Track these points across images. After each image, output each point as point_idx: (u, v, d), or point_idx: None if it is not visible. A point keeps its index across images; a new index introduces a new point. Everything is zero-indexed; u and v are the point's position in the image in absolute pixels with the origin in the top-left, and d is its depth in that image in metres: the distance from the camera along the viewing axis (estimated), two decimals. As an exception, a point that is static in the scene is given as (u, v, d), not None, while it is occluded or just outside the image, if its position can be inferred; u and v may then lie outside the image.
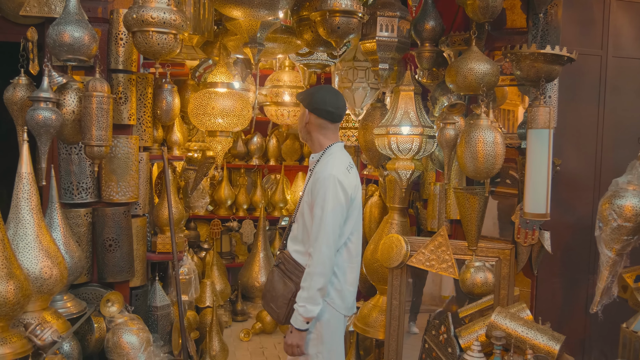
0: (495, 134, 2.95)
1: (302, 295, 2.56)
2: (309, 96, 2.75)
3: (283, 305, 2.70)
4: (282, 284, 2.72)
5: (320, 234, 2.57)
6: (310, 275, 2.56)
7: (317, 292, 2.56)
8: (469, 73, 3.01)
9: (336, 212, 2.62)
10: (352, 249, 2.81)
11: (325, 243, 2.57)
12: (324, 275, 2.58)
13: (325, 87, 2.87)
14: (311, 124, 2.77)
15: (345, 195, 2.66)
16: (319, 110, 2.75)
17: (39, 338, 2.33)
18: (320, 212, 2.58)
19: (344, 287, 2.78)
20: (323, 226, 2.57)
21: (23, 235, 2.47)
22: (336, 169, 2.66)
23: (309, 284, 2.55)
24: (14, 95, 2.79)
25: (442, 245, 3.47)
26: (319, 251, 2.56)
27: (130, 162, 3.07)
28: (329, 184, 2.60)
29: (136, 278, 3.23)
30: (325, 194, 2.59)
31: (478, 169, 2.96)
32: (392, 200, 3.81)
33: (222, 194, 5.80)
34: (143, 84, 3.17)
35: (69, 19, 2.62)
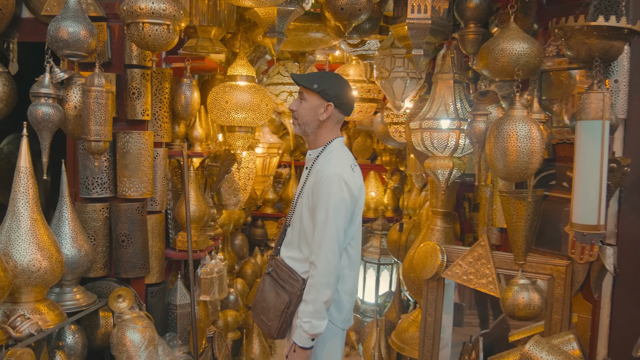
0: (531, 126, 2.47)
1: (307, 309, 2.28)
2: (330, 87, 2.42)
3: (275, 317, 2.45)
4: (274, 293, 2.47)
5: (325, 240, 2.28)
6: (315, 287, 2.28)
7: (323, 306, 2.29)
8: (500, 55, 2.55)
9: (341, 215, 2.32)
10: (352, 254, 2.51)
11: (330, 250, 2.29)
12: (330, 286, 2.30)
13: (337, 76, 2.55)
14: (330, 120, 2.47)
15: (351, 196, 2.36)
16: (344, 106, 2.48)
17: (17, 330, 2.34)
18: (324, 215, 2.29)
19: (341, 297, 2.48)
20: (328, 231, 2.28)
21: (16, 227, 2.51)
22: (340, 168, 2.37)
23: (314, 296, 2.27)
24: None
25: (482, 257, 3.01)
26: (324, 259, 2.28)
27: (142, 158, 3.04)
28: (334, 184, 2.31)
29: (152, 275, 3.20)
30: (329, 195, 2.30)
31: (509, 169, 2.49)
32: (434, 204, 3.40)
33: (290, 193, 5.68)
34: (159, 79, 3.13)
35: (68, 15, 2.62)
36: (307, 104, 2.44)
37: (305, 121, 2.47)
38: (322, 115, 2.43)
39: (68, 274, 2.83)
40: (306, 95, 2.45)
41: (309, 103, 2.44)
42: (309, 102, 2.44)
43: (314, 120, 2.45)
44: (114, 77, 3.02)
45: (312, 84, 2.41)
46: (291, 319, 2.45)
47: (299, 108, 2.48)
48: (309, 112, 2.45)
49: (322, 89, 2.40)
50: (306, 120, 2.46)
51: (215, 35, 3.18)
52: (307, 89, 2.43)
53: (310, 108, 2.44)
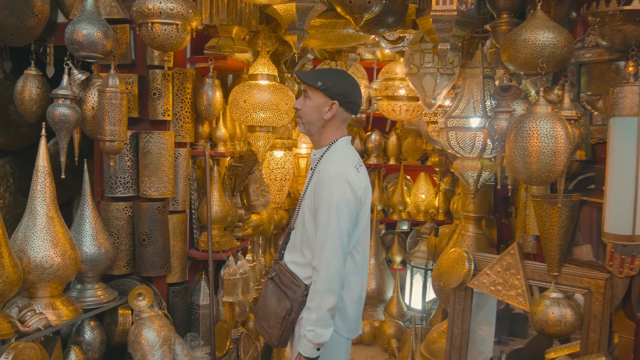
0: (555, 124, 2.24)
1: (310, 317, 2.17)
2: (335, 85, 2.29)
3: (276, 324, 2.35)
4: (275, 299, 2.38)
5: (327, 244, 2.16)
6: (317, 294, 2.17)
7: (327, 313, 2.17)
8: (522, 46, 2.34)
9: (345, 217, 2.19)
10: (358, 259, 2.37)
11: (333, 254, 2.16)
12: (334, 293, 2.17)
13: (344, 73, 2.41)
14: (335, 119, 2.34)
15: (355, 197, 2.23)
16: (351, 104, 2.34)
17: (25, 324, 2.41)
18: (326, 217, 2.18)
19: (346, 304, 2.35)
20: (330, 234, 2.16)
21: (32, 225, 2.59)
22: (343, 167, 2.24)
23: (317, 303, 2.16)
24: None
25: (511, 266, 2.79)
26: (326, 264, 2.16)
27: (162, 158, 3.06)
28: (336, 185, 2.18)
29: (173, 274, 3.21)
30: (331, 196, 2.18)
31: (530, 171, 2.28)
32: (465, 208, 3.18)
33: (338, 194, 5.58)
34: (180, 79, 3.13)
35: (83, 17, 2.68)
36: (312, 103, 2.32)
37: (309, 120, 2.35)
38: (327, 114, 2.30)
39: (88, 271, 2.90)
40: (310, 94, 2.33)
41: (313, 101, 2.32)
42: (313, 100, 2.32)
43: (319, 119, 2.32)
44: (135, 78, 3.06)
45: (316, 81, 2.28)
46: (293, 326, 2.35)
47: (303, 107, 2.36)
48: (313, 111, 2.32)
49: (327, 86, 2.27)
50: (310, 119, 2.34)
51: (236, 34, 3.14)
52: (311, 87, 2.32)
53: (315, 107, 2.32)
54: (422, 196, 5.45)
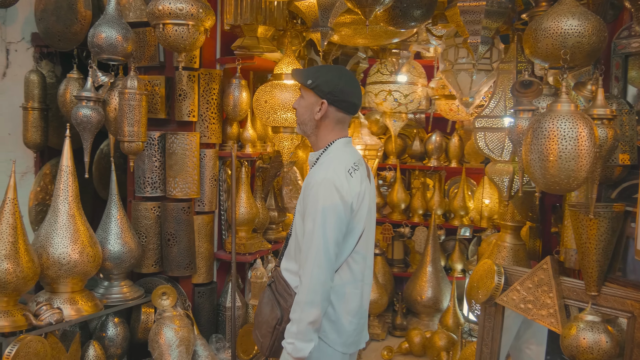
0: (578, 124, 1.96)
1: (291, 329, 2.05)
2: (325, 83, 2.12)
3: (267, 333, 2.23)
4: (269, 307, 2.26)
5: (311, 253, 2.02)
6: (299, 305, 2.04)
7: (308, 327, 2.02)
8: (542, 36, 2.08)
9: (331, 225, 2.03)
10: (356, 269, 2.19)
11: (316, 264, 2.02)
12: (316, 305, 2.02)
13: (340, 70, 2.22)
14: (327, 119, 2.17)
15: (343, 203, 2.05)
16: (343, 103, 2.15)
17: (39, 318, 2.51)
18: (311, 225, 2.04)
19: (341, 317, 2.19)
20: (314, 242, 2.02)
21: (54, 222, 2.69)
22: (332, 171, 2.06)
23: (298, 315, 2.03)
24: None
25: (543, 282, 2.50)
26: (309, 275, 2.02)
27: (187, 159, 3.07)
28: (323, 190, 2.03)
29: (199, 275, 3.22)
30: (316, 203, 2.02)
31: (547, 177, 2.01)
32: (503, 216, 2.91)
33: (395, 197, 5.36)
34: (206, 80, 3.13)
35: (104, 20, 2.75)
36: (304, 102, 2.18)
37: (303, 120, 2.20)
38: (317, 114, 2.13)
39: (114, 269, 2.97)
40: (303, 92, 2.19)
41: (305, 101, 2.17)
42: (306, 99, 2.17)
43: (311, 119, 2.16)
44: (162, 80, 3.10)
45: (306, 79, 2.13)
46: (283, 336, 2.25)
47: (298, 107, 2.23)
48: (306, 111, 2.17)
49: (316, 84, 2.11)
50: (303, 120, 2.19)
51: (262, 34, 3.09)
52: (303, 86, 2.18)
53: (306, 106, 2.17)
54: (486, 201, 5.11)
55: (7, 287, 2.41)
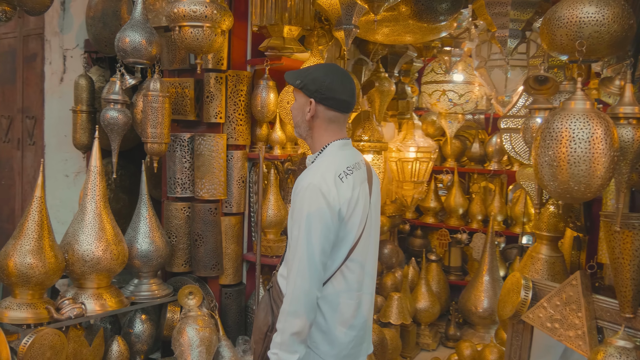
0: (593, 123, 1.75)
1: (276, 339, 1.98)
2: (312, 81, 2.04)
3: (259, 340, 2.17)
4: (263, 313, 2.19)
5: (295, 261, 1.94)
6: (282, 315, 1.96)
7: (291, 338, 1.94)
8: (556, 25, 1.86)
9: (317, 232, 1.92)
10: (351, 278, 2.07)
11: (299, 273, 1.93)
12: (300, 316, 1.93)
13: (330, 67, 2.12)
14: (318, 119, 2.07)
15: (330, 210, 1.93)
16: (331, 101, 2.05)
17: (60, 312, 2.62)
18: (296, 232, 1.95)
19: (333, 328, 2.08)
20: (299, 251, 1.93)
21: (81, 220, 2.81)
22: (320, 176, 1.95)
23: (282, 325, 1.95)
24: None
25: (572, 300, 2.27)
26: (292, 284, 1.94)
27: (213, 160, 3.09)
28: (308, 196, 1.93)
29: (226, 276, 3.23)
30: (302, 209, 1.93)
31: (557, 183, 1.80)
32: (538, 226, 2.67)
33: (452, 202, 5.10)
34: (234, 82, 3.13)
35: (129, 25, 2.82)
36: (296, 104, 2.11)
37: (297, 123, 2.13)
38: (307, 115, 2.05)
39: (142, 267, 3.05)
40: (295, 94, 2.13)
41: (297, 102, 2.10)
42: (297, 101, 2.10)
43: (303, 120, 2.08)
44: (192, 82, 3.14)
45: (295, 79, 2.05)
46: None
47: (292, 109, 2.15)
48: (298, 112, 2.09)
49: (304, 84, 2.02)
50: (297, 122, 2.11)
51: (288, 34, 3.04)
52: (295, 87, 2.09)
53: (298, 107, 2.09)
54: (551, 207, 4.73)
55: (30, 280, 2.53)
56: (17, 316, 2.53)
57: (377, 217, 2.20)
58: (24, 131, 4.29)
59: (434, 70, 4.66)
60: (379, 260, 4.95)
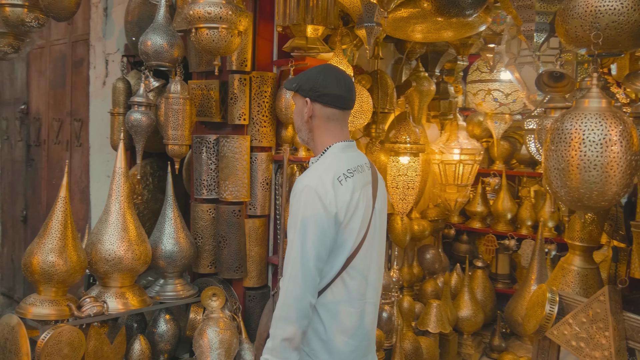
0: (609, 124, 1.60)
1: (267, 344, 1.94)
2: (306, 81, 2.02)
3: (260, 345, 2.17)
4: (266, 319, 2.21)
5: (288, 266, 1.90)
6: (275, 320, 1.91)
7: (283, 343, 1.88)
8: (570, 16, 1.70)
9: (311, 236, 1.87)
10: (352, 286, 2.00)
11: (291, 278, 1.88)
12: (291, 322, 1.87)
13: (323, 66, 2.09)
14: (316, 118, 2.04)
15: (327, 214, 1.88)
16: (325, 97, 2.00)
17: (81, 310, 2.68)
18: (291, 235, 1.92)
19: (332, 336, 2.00)
20: (292, 255, 1.89)
21: (105, 220, 2.87)
22: (317, 178, 1.91)
23: (274, 331, 1.91)
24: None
25: (599, 318, 2.08)
26: (285, 289, 1.90)
27: (237, 162, 3.08)
28: (304, 199, 1.89)
29: (249, 278, 3.21)
30: (297, 212, 1.90)
31: (568, 190, 1.64)
32: (570, 235, 2.47)
33: (500, 206, 4.85)
34: (258, 83, 3.11)
35: (152, 28, 2.86)
36: (295, 108, 2.11)
37: (298, 127, 2.11)
38: (305, 115, 2.03)
39: (167, 267, 3.09)
40: (293, 99, 2.13)
41: (296, 107, 2.11)
42: (296, 105, 2.10)
43: (302, 123, 2.07)
44: (217, 84, 3.14)
45: (292, 83, 2.06)
46: None
47: (293, 115, 2.16)
48: (297, 116, 2.09)
49: (299, 85, 2.03)
50: (298, 126, 2.11)
51: (311, 33, 2.98)
52: (293, 92, 2.09)
53: (297, 112, 2.09)
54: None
55: (52, 278, 2.60)
56: (40, 312, 2.61)
57: (382, 223, 2.10)
58: (72, 133, 4.47)
59: (479, 68, 4.46)
60: (420, 265, 4.83)
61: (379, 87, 3.70)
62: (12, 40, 3.10)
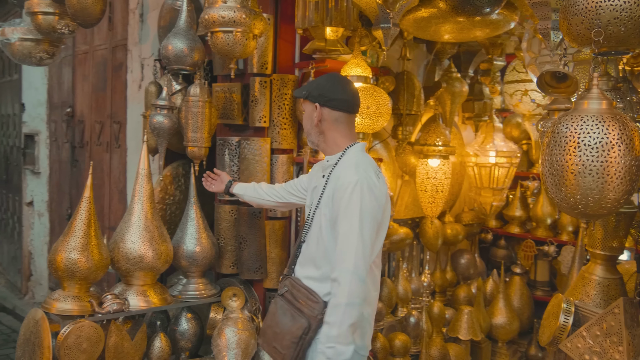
0: (609, 127, 1.51)
1: (331, 333, 2.03)
2: (315, 88, 2.25)
3: (290, 344, 2.21)
4: (289, 318, 2.25)
5: (349, 255, 2.02)
6: (339, 308, 2.02)
7: (348, 329, 2.01)
8: (572, 13, 1.61)
9: (368, 226, 2.05)
10: (377, 274, 2.22)
11: (356, 266, 2.01)
12: (357, 307, 2.01)
13: (329, 75, 2.32)
14: (325, 121, 2.26)
15: (378, 204, 2.09)
16: (333, 102, 2.23)
17: (103, 306, 2.77)
18: (348, 226, 2.04)
19: (364, 321, 2.13)
20: (353, 244, 2.02)
21: (128, 219, 2.96)
22: (364, 172, 2.10)
23: (338, 318, 2.01)
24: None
25: (612, 332, 1.99)
26: (348, 276, 2.01)
27: (256, 164, 3.11)
28: (357, 191, 2.05)
29: (269, 280, 3.23)
30: (350, 203, 2.05)
31: (564, 196, 1.57)
32: (592, 243, 2.36)
33: (540, 211, 4.65)
34: (278, 86, 3.12)
35: (173, 33, 2.93)
36: (305, 114, 2.33)
37: (307, 131, 2.33)
38: (315, 119, 2.25)
39: (189, 267, 3.15)
40: (303, 105, 2.35)
41: (305, 112, 2.33)
42: (306, 111, 2.32)
43: (312, 127, 2.28)
44: (239, 87, 3.18)
45: (301, 91, 2.29)
46: (308, 346, 2.21)
47: (302, 121, 2.41)
48: (307, 121, 2.31)
49: (309, 92, 2.25)
50: (307, 130, 2.33)
51: (330, 35, 2.97)
52: (303, 99, 2.32)
53: (307, 117, 2.31)
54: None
55: (75, 275, 2.70)
56: (63, 307, 2.71)
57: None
58: (111, 135, 4.64)
59: (515, 69, 4.32)
60: (454, 270, 4.72)
61: (405, 89, 3.64)
62: (47, 47, 3.25)
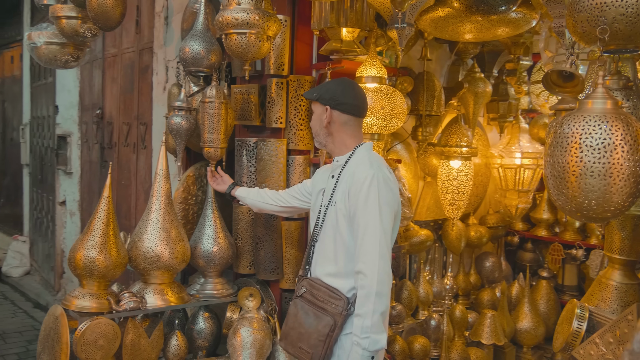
0: (613, 127, 1.47)
1: (364, 324, 2.08)
2: (326, 91, 2.33)
3: (318, 343, 2.25)
4: (312, 317, 2.29)
5: (373, 246, 2.10)
6: (369, 298, 2.08)
7: (380, 317, 2.09)
8: (576, 10, 1.57)
9: (387, 217, 2.15)
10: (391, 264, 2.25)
11: (380, 255, 2.09)
12: (385, 296, 2.10)
13: (339, 79, 2.40)
14: (334, 123, 2.35)
15: (393, 195, 2.20)
16: (343, 105, 2.31)
17: (120, 304, 2.83)
18: (368, 219, 2.13)
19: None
20: (375, 235, 2.10)
21: (146, 219, 3.01)
22: (377, 167, 2.21)
23: (370, 308, 2.08)
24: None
25: (626, 339, 1.92)
26: (375, 267, 2.09)
27: (273, 165, 3.12)
28: (374, 184, 2.14)
29: (285, 280, 3.24)
30: (368, 196, 2.13)
31: (567, 199, 1.53)
32: (610, 247, 2.29)
33: (567, 213, 4.54)
34: (295, 87, 3.13)
35: (190, 35, 2.97)
36: (314, 115, 2.42)
37: (315, 132, 2.42)
38: (324, 121, 2.34)
39: (206, 266, 3.19)
40: (312, 107, 2.43)
41: (315, 114, 2.41)
42: (315, 112, 2.41)
43: (321, 128, 2.37)
44: (256, 88, 3.20)
45: (312, 93, 2.38)
46: (335, 342, 2.26)
47: (311, 122, 2.45)
48: (316, 123, 2.40)
49: (320, 95, 2.34)
50: (316, 131, 2.42)
51: (346, 36, 2.96)
52: (311, 100, 2.40)
53: (316, 118, 2.39)
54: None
55: (93, 273, 2.77)
56: (82, 304, 2.78)
57: None
58: (138, 136, 4.74)
59: (542, 68, 4.22)
60: (479, 273, 4.64)
61: (424, 89, 3.60)
62: (72, 50, 3.34)
